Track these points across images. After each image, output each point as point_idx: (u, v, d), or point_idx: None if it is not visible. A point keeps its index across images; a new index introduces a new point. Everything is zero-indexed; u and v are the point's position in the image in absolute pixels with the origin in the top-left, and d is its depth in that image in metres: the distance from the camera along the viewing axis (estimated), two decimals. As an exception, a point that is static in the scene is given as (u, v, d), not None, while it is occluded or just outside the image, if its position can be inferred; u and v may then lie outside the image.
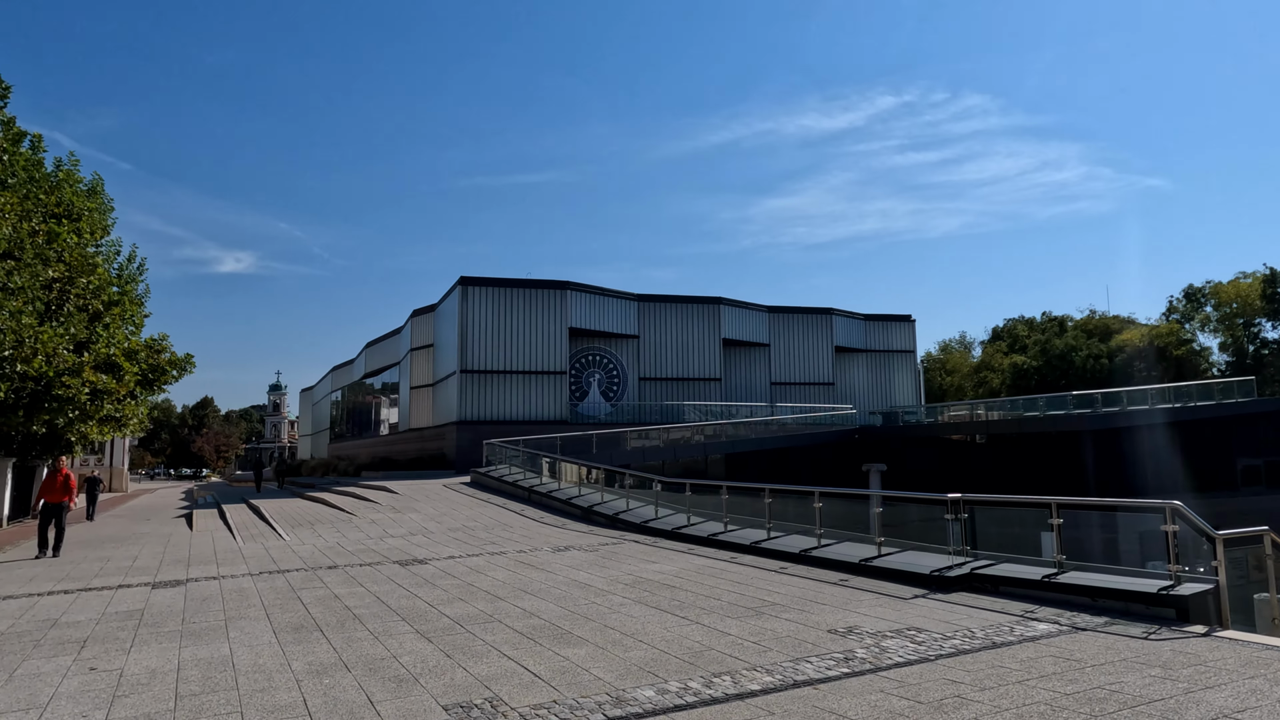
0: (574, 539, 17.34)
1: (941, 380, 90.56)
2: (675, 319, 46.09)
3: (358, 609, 10.17)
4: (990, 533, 12.12)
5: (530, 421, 39.86)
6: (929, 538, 12.99)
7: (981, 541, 12.07)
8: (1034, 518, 11.56)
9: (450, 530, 19.24)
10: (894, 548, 12.96)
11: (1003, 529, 12.34)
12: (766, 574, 12.39)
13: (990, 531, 12.07)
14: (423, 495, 25.71)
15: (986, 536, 12.30)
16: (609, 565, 13.54)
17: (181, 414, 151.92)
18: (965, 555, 11.66)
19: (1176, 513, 9.18)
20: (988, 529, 12.24)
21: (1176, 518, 9.17)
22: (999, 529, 12.30)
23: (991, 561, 11.45)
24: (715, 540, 15.70)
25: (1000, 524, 12.34)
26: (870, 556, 12.41)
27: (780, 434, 37.67)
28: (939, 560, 11.66)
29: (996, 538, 12.25)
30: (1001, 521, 12.33)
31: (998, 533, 12.16)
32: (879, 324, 53.95)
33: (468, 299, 40.39)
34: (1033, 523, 11.50)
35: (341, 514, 22.55)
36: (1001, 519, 12.36)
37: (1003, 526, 12.36)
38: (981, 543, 12.05)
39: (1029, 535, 11.89)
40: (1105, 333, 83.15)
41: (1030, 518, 11.80)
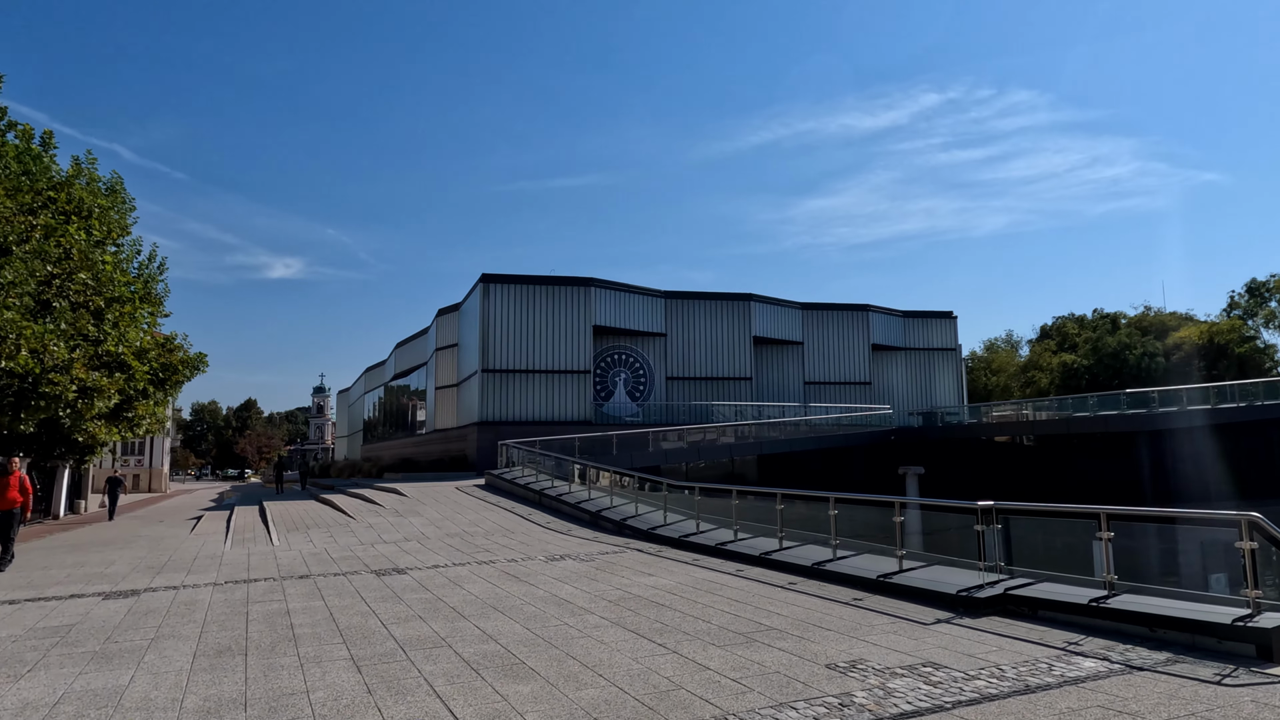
0: (574, 547, 16.12)
1: (987, 380, 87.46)
2: (704, 316, 44.65)
3: (301, 628, 9.06)
4: (1030, 546, 10.60)
5: (553, 422, 38.79)
6: (961, 550, 11.48)
7: (1019, 556, 10.55)
8: (1081, 529, 10.01)
9: (447, 536, 18.16)
10: (918, 561, 11.48)
11: (1046, 542, 10.82)
12: (771, 590, 11.01)
13: (1030, 545, 10.55)
14: (431, 498, 24.75)
15: (1027, 550, 10.78)
16: (600, 578, 12.28)
17: (225, 415, 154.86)
18: (999, 572, 10.15)
19: (1255, 526, 7.61)
20: (1028, 541, 10.72)
21: (1255, 532, 7.60)
22: (1041, 542, 10.78)
23: (1029, 580, 9.93)
24: (723, 550, 14.34)
25: (1043, 536, 10.80)
26: (889, 572, 10.95)
27: (810, 435, 35.98)
28: (968, 578, 10.16)
29: (1037, 552, 10.72)
30: (1044, 533, 10.78)
31: (1040, 546, 10.65)
32: (919, 321, 51.78)
33: (489, 297, 39.50)
34: (1080, 535, 9.95)
35: (344, 517, 21.67)
36: (1044, 530, 10.81)
37: (1046, 538, 10.83)
38: (1019, 557, 10.53)
39: (1075, 550, 10.36)
40: (1161, 330, 79.38)
41: (1077, 529, 10.26)
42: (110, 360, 26.05)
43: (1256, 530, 7.63)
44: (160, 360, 29.05)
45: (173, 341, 30.52)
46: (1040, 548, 10.69)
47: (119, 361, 26.14)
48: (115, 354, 25.90)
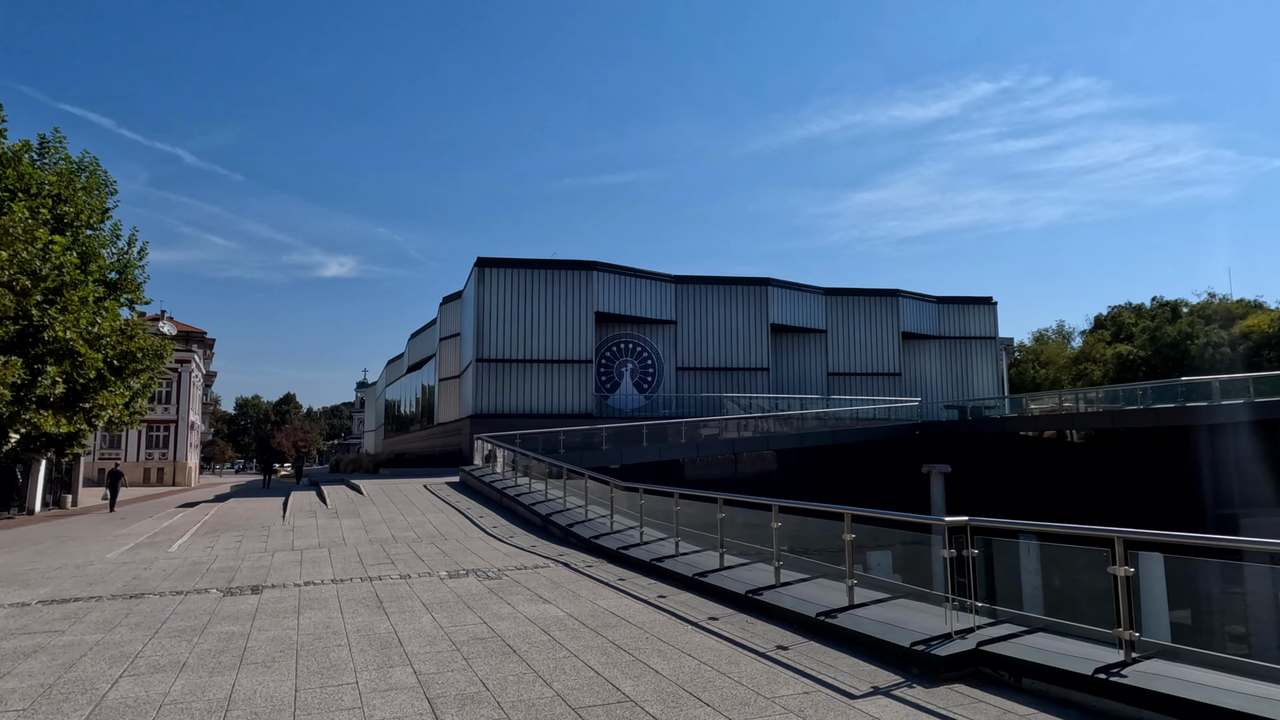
0: (497, 559, 13.63)
1: (1035, 373, 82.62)
2: (718, 303, 41.71)
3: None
4: (1024, 578, 7.76)
5: (553, 415, 36.39)
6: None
7: (1010, 590, 7.74)
8: (1103, 558, 7.12)
9: (367, 543, 15.83)
10: (879, 593, 8.70)
11: (1054, 570, 7.96)
12: (678, 629, 8.34)
13: (1025, 574, 7.71)
14: (387, 497, 22.52)
15: (1022, 583, 7.95)
16: (479, 606, 9.74)
17: (265, 410, 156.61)
18: (975, 614, 7.31)
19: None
20: (1027, 569, 7.87)
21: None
22: (1047, 569, 7.94)
23: (1015, 629, 7.12)
24: (656, 567, 11.67)
25: (1048, 563, 7.96)
26: (834, 608, 8.18)
27: (824, 430, 32.89)
28: (933, 621, 7.35)
29: (1046, 587, 7.88)
30: (1049, 559, 7.94)
31: (1051, 578, 7.82)
32: (954, 307, 48.00)
33: (484, 282, 37.22)
34: (1102, 565, 7.07)
35: (278, 519, 19.53)
36: (1050, 556, 7.97)
37: (1053, 567, 7.98)
38: (1010, 593, 7.70)
39: (1094, 587, 7.46)
40: (1227, 318, 73.68)
41: (1099, 558, 7.37)
42: (58, 348, 24.43)
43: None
44: (119, 347, 27.42)
45: (135, 327, 28.89)
46: (1038, 582, 7.85)
47: (67, 349, 24.50)
48: (63, 340, 24.25)
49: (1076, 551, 7.21)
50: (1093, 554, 6.78)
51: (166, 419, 74.80)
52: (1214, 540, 5.82)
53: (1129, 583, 5.96)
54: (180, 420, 75.68)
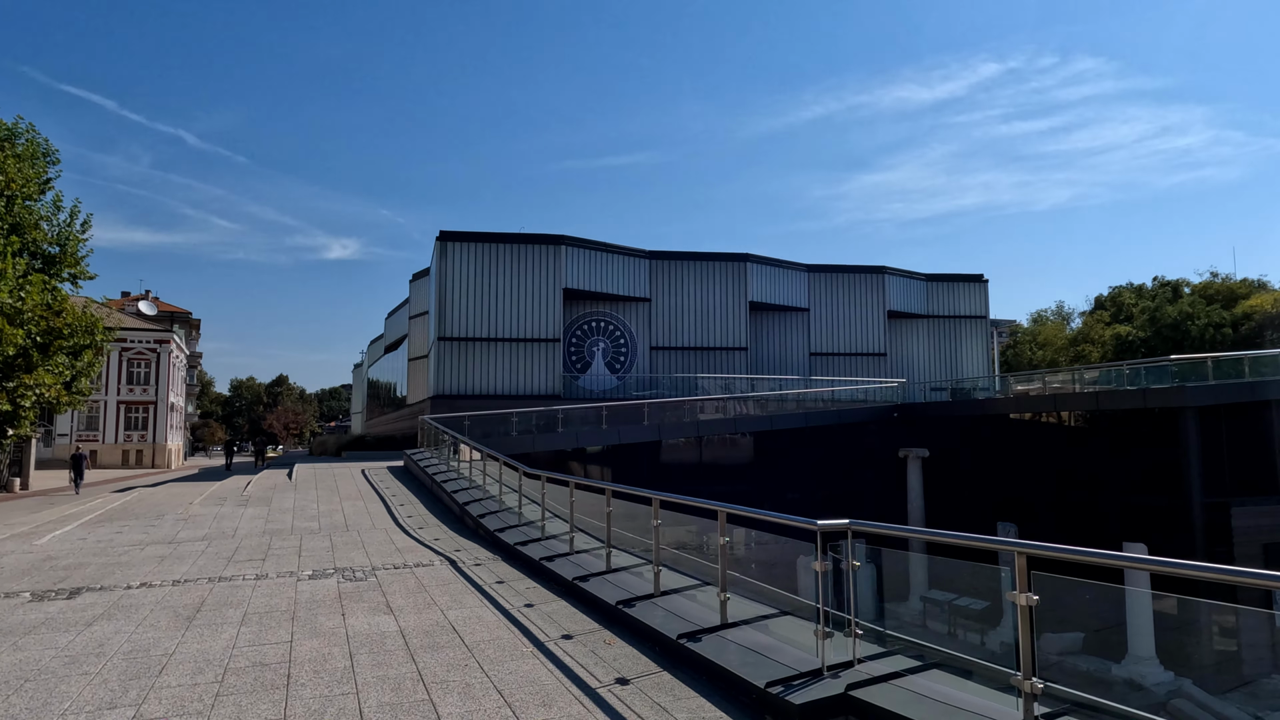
0: (384, 555, 12.15)
1: (1032, 354, 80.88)
2: (694, 279, 39.99)
3: None
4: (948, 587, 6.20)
5: (518, 396, 34.86)
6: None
7: (912, 612, 6.20)
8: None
9: (258, 535, 14.37)
10: (764, 608, 7.17)
11: (953, 588, 6.43)
12: (514, 651, 6.83)
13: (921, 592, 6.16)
14: (316, 483, 21.08)
15: (930, 603, 6.40)
16: (306, 618, 8.26)
17: (258, 391, 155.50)
18: (867, 640, 5.77)
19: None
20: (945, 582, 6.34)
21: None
22: (946, 587, 6.43)
23: (909, 664, 5.57)
24: (544, 568, 10.17)
25: (949, 579, 6.45)
26: (702, 628, 6.65)
27: (798, 413, 31.29)
28: (807, 652, 5.81)
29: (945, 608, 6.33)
30: (948, 575, 6.42)
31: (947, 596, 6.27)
32: (943, 285, 46.21)
33: (446, 256, 35.56)
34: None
35: (185, 506, 18.08)
36: (950, 571, 6.44)
37: (954, 583, 6.46)
38: (913, 615, 6.17)
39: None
40: (1229, 299, 71.72)
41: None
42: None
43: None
44: (42, 324, 25.88)
45: (63, 302, 27.33)
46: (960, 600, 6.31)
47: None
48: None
49: (983, 569, 5.66)
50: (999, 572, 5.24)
51: (145, 400, 73.43)
52: (1142, 563, 4.23)
53: (1032, 614, 4.39)
54: (160, 401, 74.27)
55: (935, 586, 7.38)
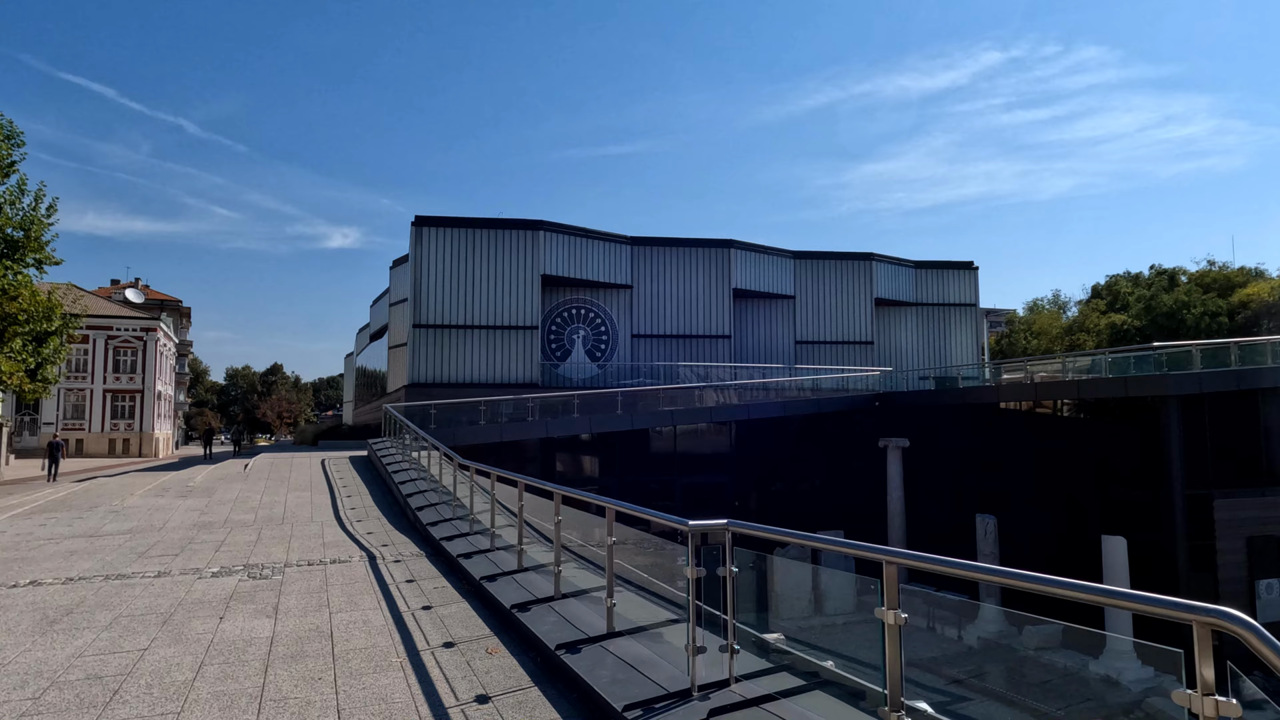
0: (306, 551, 11.55)
1: (1027, 343, 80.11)
2: (677, 265, 39.24)
3: None
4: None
5: (495, 384, 34.21)
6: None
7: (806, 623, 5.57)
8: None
9: (186, 528, 13.76)
10: (671, 612, 6.53)
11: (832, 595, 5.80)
12: (382, 662, 6.21)
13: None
14: (270, 472, 20.46)
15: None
16: (180, 622, 7.68)
17: (252, 380, 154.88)
18: (752, 655, 5.13)
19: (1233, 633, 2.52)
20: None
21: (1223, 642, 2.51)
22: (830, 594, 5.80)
23: (792, 684, 4.92)
24: (458, 565, 9.56)
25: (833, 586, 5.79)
26: (585, 637, 6.01)
27: (775, 401, 30.63)
28: (681, 670, 5.15)
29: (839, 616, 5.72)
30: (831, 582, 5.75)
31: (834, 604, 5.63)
32: (933, 273, 45.42)
33: (422, 242, 34.83)
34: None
35: (127, 496, 17.48)
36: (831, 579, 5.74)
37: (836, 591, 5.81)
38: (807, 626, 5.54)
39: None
40: (1226, 287, 70.95)
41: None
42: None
43: (1234, 636, 2.54)
44: (-5, 309, 25.22)
45: (19, 288, 26.64)
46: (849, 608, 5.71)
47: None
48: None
49: (863, 576, 5.01)
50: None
51: (132, 388, 72.84)
52: (1030, 580, 3.54)
53: (900, 635, 3.72)
54: (146, 390, 73.63)
55: (833, 596, 6.74)
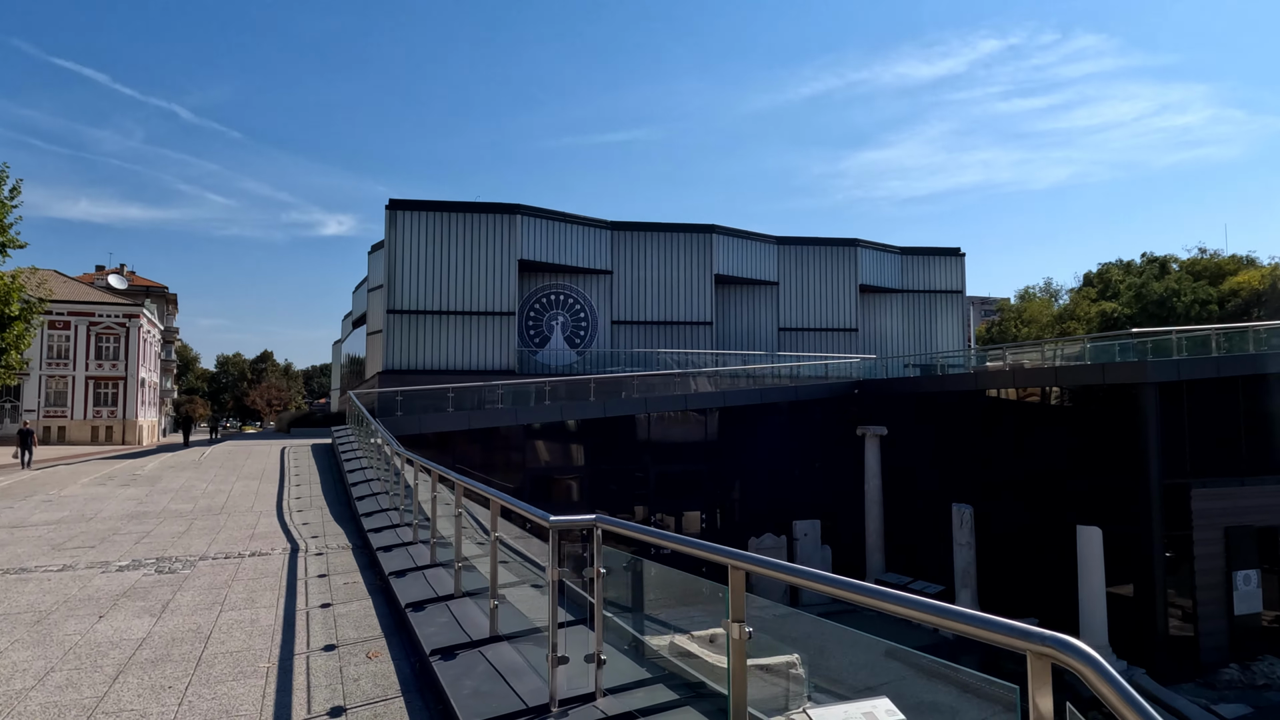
0: (231, 543, 11.03)
1: (1017, 331, 79.78)
2: (658, 251, 38.64)
3: None
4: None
5: (471, 371, 33.66)
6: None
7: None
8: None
9: (119, 517, 13.23)
10: (567, 616, 5.98)
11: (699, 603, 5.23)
12: (246, 669, 5.70)
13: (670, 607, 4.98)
14: (225, 460, 19.97)
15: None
16: (54, 622, 7.16)
17: (243, 367, 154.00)
18: (627, 664, 4.63)
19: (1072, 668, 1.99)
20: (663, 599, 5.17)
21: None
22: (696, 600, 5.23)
23: (670, 698, 4.42)
24: (376, 561, 9.05)
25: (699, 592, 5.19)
26: (466, 641, 5.52)
27: (752, 389, 30.16)
28: (546, 674, 4.64)
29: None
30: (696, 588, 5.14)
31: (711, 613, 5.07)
32: (919, 259, 44.88)
33: (396, 226, 34.17)
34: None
35: (69, 484, 16.95)
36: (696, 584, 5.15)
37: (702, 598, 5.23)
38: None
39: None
40: (1217, 275, 70.63)
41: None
42: None
43: (1072, 671, 2.01)
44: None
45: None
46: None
47: None
48: None
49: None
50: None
51: (114, 375, 72.07)
52: (863, 592, 3.00)
53: (743, 650, 3.21)
54: (130, 377, 72.88)
55: (718, 600, 6.19)
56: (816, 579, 2.87)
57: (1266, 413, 20.98)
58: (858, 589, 2.63)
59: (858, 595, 2.62)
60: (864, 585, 2.62)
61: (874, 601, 2.55)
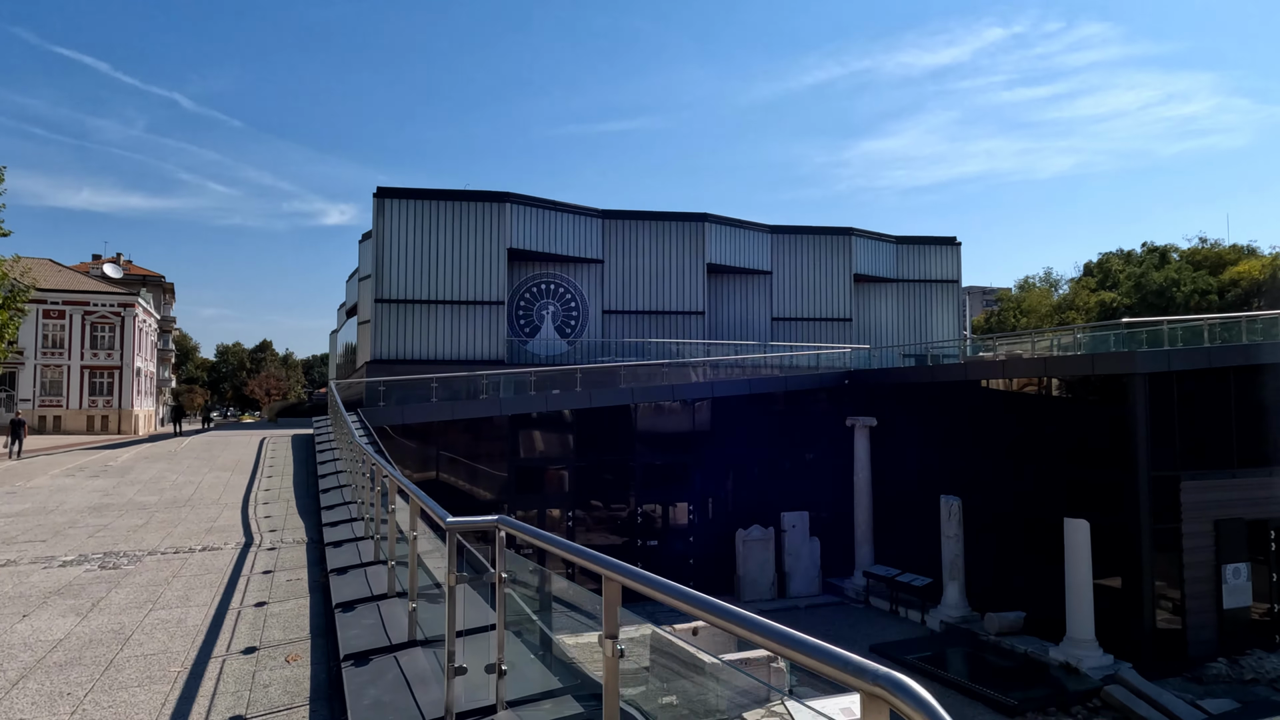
0: (187, 537, 10.80)
1: (1016, 322, 79.43)
2: (649, 239, 38.26)
3: None
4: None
5: (459, 361, 33.37)
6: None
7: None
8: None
9: (81, 509, 13.03)
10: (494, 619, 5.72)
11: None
12: (155, 672, 5.48)
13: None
14: (201, 450, 19.74)
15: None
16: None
17: (242, 357, 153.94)
18: (536, 674, 4.37)
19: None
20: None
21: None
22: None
23: (574, 710, 4.14)
24: (324, 558, 8.78)
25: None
26: (386, 646, 5.24)
27: (741, 379, 29.86)
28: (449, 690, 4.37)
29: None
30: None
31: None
32: (914, 248, 44.44)
33: (384, 214, 33.82)
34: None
35: (43, 473, 16.72)
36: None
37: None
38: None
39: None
40: (1218, 265, 70.07)
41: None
42: None
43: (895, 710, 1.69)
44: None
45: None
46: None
47: None
48: None
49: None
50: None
51: (110, 364, 71.83)
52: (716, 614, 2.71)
53: (615, 669, 2.93)
54: (125, 366, 72.66)
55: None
56: (678, 595, 2.57)
57: (1259, 404, 20.68)
58: (709, 607, 2.34)
59: (708, 613, 2.33)
60: (716, 605, 2.33)
61: (722, 621, 2.26)
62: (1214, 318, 22.45)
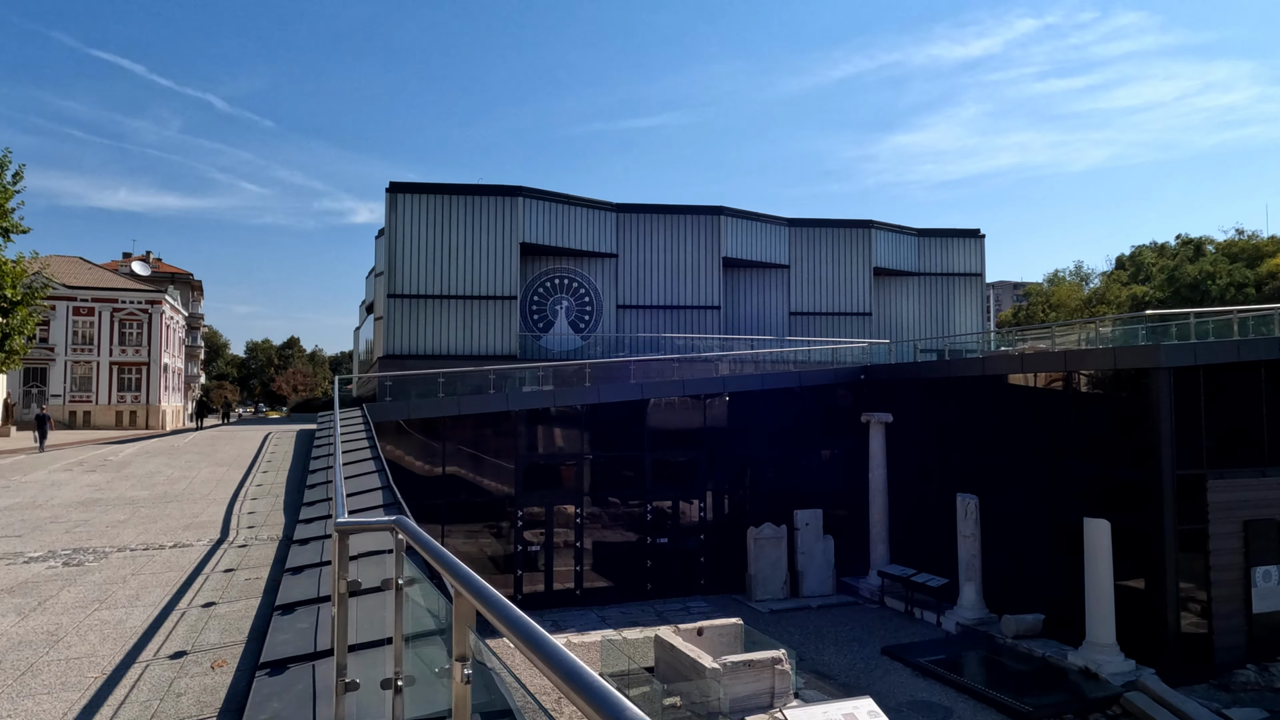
0: (164, 534, 10.62)
1: (1044, 315, 77.74)
2: (664, 234, 37.80)
3: None
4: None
5: (472, 356, 33.23)
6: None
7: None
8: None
9: (68, 504, 12.96)
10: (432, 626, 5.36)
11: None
12: (73, 679, 5.22)
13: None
14: (204, 445, 19.71)
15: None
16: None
17: (270, 353, 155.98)
18: (402, 696, 3.98)
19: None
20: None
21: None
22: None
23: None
24: (294, 554, 8.51)
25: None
26: (312, 653, 4.92)
27: (753, 375, 29.32)
28: (357, 699, 4.02)
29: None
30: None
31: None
32: (936, 241, 43.48)
33: (396, 209, 33.73)
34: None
35: (43, 468, 16.74)
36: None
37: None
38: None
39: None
40: (1255, 257, 67.95)
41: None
42: None
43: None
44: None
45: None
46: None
47: None
48: None
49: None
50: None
51: (138, 361, 73.01)
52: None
53: (466, 697, 2.54)
54: (153, 362, 73.81)
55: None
56: (506, 620, 2.18)
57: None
58: (519, 629, 1.94)
59: (514, 633, 1.93)
60: (528, 628, 1.93)
61: (521, 643, 1.86)
62: (1245, 310, 21.49)
